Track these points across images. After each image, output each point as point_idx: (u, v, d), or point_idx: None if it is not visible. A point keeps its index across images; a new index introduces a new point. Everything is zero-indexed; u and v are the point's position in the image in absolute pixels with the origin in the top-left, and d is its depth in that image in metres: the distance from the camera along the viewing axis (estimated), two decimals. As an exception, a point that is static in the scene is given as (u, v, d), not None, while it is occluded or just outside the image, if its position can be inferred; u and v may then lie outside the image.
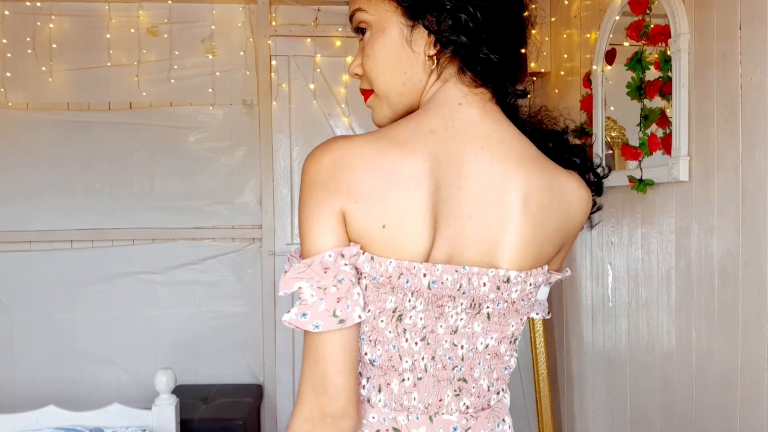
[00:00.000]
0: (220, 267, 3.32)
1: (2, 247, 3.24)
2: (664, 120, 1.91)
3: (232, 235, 3.32)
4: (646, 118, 1.96)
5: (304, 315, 0.79)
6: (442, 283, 0.83)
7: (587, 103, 2.39)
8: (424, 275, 0.82)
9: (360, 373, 0.86)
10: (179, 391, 2.70)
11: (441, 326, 0.86)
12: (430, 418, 0.88)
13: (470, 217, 0.84)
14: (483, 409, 0.92)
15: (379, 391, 0.87)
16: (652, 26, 1.93)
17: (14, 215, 3.24)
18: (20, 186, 3.23)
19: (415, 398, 0.87)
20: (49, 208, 3.24)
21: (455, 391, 0.89)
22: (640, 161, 1.99)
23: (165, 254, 3.29)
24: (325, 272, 0.79)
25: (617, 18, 2.17)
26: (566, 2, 2.78)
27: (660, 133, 1.92)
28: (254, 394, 3.12)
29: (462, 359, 0.88)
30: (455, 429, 0.89)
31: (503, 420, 0.95)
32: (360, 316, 0.80)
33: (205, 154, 3.29)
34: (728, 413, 1.64)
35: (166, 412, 2.22)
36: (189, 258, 3.30)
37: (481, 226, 0.84)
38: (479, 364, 0.90)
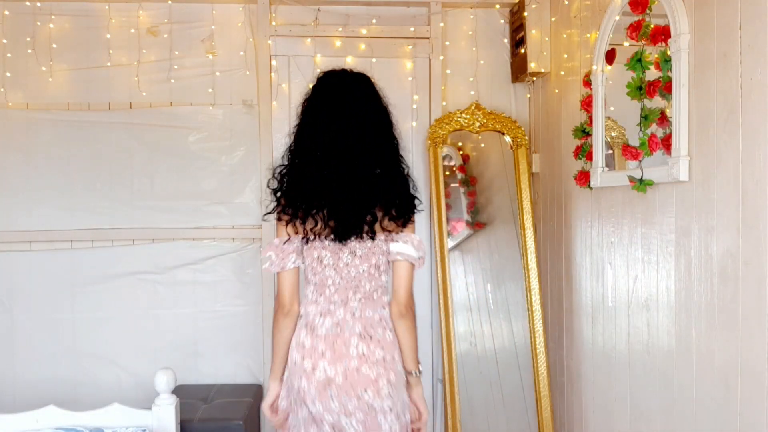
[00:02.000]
0: (220, 267, 3.32)
1: (2, 247, 3.24)
2: (664, 120, 1.91)
3: (232, 235, 3.32)
4: (646, 118, 1.95)
5: (271, 265, 1.85)
6: (334, 244, 1.84)
7: (587, 103, 2.39)
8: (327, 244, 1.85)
9: (312, 290, 1.88)
10: (179, 391, 2.70)
11: (340, 262, 1.84)
12: (344, 304, 1.85)
13: None
14: (368, 299, 1.87)
15: (320, 295, 1.86)
16: (652, 26, 1.93)
17: (14, 215, 3.24)
18: (20, 186, 3.23)
19: (336, 296, 1.86)
20: (49, 208, 3.24)
21: (353, 291, 1.86)
22: (640, 161, 1.99)
23: (165, 254, 3.29)
24: (277, 247, 1.86)
25: (617, 18, 2.17)
26: (566, 2, 2.78)
27: (660, 133, 1.92)
28: (254, 394, 3.12)
29: (354, 277, 1.85)
30: (355, 309, 1.85)
31: (383, 307, 1.89)
32: (292, 264, 1.86)
33: (205, 154, 3.29)
34: (728, 413, 1.64)
35: (166, 412, 2.22)
36: (189, 258, 3.30)
37: None
38: (364, 278, 1.85)
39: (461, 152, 3.35)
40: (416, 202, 1.86)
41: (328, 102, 1.81)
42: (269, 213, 1.87)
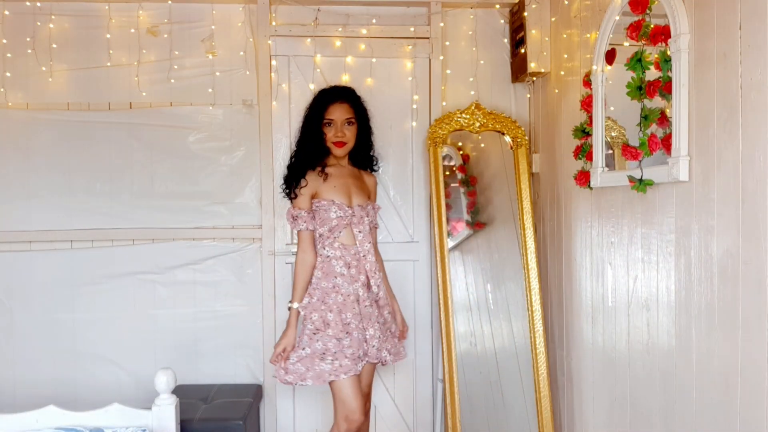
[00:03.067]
0: (220, 267, 3.32)
1: (2, 247, 3.24)
2: (664, 120, 1.91)
3: (232, 235, 3.33)
4: (646, 118, 1.96)
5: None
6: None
7: (587, 103, 2.39)
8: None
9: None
10: (179, 391, 2.70)
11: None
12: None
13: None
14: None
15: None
16: (652, 26, 1.93)
17: (14, 215, 3.24)
18: (20, 186, 3.23)
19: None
20: (49, 208, 3.24)
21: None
22: (640, 161, 1.99)
23: (165, 254, 3.29)
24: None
25: (617, 18, 2.17)
26: (566, 2, 2.78)
27: (660, 133, 1.92)
28: (254, 394, 3.12)
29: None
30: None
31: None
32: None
33: (205, 154, 3.29)
34: (728, 413, 1.65)
35: (166, 412, 2.22)
36: (189, 258, 3.30)
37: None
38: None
39: (461, 152, 3.35)
40: None
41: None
42: None
